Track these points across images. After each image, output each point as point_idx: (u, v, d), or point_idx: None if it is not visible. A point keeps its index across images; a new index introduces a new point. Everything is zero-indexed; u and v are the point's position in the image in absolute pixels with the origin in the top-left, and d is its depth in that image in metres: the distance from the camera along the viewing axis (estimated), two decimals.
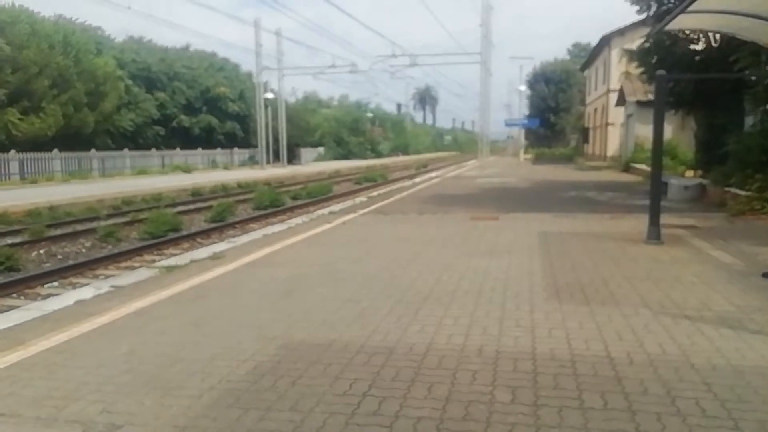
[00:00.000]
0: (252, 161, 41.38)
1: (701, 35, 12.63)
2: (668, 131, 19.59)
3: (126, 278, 6.46)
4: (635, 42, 16.02)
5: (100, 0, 40.27)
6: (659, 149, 7.67)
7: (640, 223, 8.47)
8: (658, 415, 2.82)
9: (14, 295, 7.61)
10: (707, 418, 2.79)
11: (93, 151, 30.03)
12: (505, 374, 3.36)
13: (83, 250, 10.93)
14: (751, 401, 2.96)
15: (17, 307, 6.19)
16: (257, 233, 10.19)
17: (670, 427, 2.71)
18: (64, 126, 29.05)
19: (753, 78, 10.52)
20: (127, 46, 39.27)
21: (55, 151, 27.16)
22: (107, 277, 8.03)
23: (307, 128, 50.95)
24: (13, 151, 25.00)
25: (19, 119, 26.70)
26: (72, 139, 29.70)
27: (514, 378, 3.30)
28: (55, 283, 8.21)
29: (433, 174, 29.56)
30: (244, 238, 9.50)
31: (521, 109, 53.60)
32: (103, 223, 12.93)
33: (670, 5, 12.67)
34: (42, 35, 28.62)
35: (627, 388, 3.15)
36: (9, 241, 11.18)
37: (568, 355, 3.65)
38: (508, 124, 47.80)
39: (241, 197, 19.62)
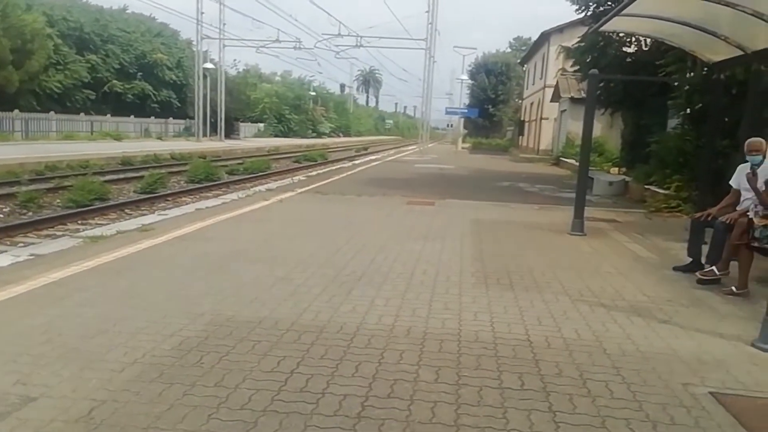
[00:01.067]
0: (188, 133, 39.97)
1: (634, 38, 13.20)
2: (598, 129, 20.38)
3: (47, 247, 6.17)
4: (573, 40, 16.54)
5: None
6: (588, 145, 8.01)
7: (566, 214, 8.84)
8: (570, 396, 3.00)
9: None
10: (615, 400, 2.99)
11: (16, 111, 28.14)
12: (431, 354, 3.47)
13: (1, 216, 10.32)
14: (655, 385, 3.19)
15: None
16: (190, 207, 9.94)
17: (580, 407, 2.89)
18: None
19: (676, 83, 11.11)
20: (58, 3, 36.81)
21: None
22: (27, 245, 7.61)
23: (248, 102, 49.71)
24: None
25: None
26: None
27: (439, 358, 3.42)
28: None
29: (374, 157, 29.62)
30: (176, 212, 9.25)
31: (462, 98, 54.33)
32: (24, 188, 12.20)
33: (608, 7, 13.15)
34: None
35: (543, 370, 3.33)
36: None
37: (491, 337, 3.81)
38: (449, 112, 48.31)
39: (175, 169, 18.97)
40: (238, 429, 2.55)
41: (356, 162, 24.21)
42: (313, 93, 63.46)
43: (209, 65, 37.24)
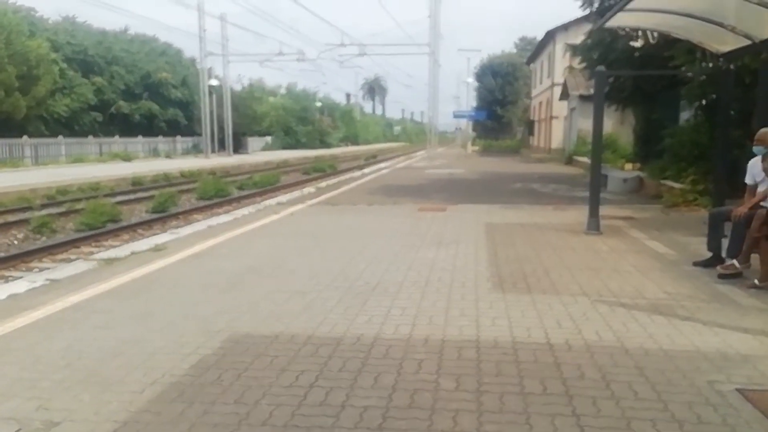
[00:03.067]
0: (196, 150, 40.28)
1: (640, 33, 13.09)
2: (608, 125, 20.24)
3: (62, 271, 6.21)
4: (578, 37, 16.47)
5: None
6: (599, 142, 7.95)
7: (580, 214, 8.76)
8: (593, 399, 2.95)
9: None
10: (639, 401, 2.93)
11: (25, 137, 28.51)
12: (450, 362, 3.43)
13: (15, 242, 10.42)
14: (680, 384, 3.13)
15: None
16: (201, 224, 9.99)
17: (604, 410, 2.84)
18: None
19: (688, 74, 11.00)
20: (61, 28, 37.21)
21: None
22: (42, 270, 7.68)
23: (254, 117, 49.98)
24: None
25: None
26: (2, 124, 28.09)
27: (459, 366, 3.38)
28: None
29: (383, 165, 29.65)
30: (188, 230, 9.30)
31: (469, 101, 54.27)
32: (36, 213, 12.32)
33: (611, 2, 13.07)
34: None
35: (565, 373, 3.27)
36: None
37: (511, 342, 3.76)
38: (457, 116, 48.37)
39: (185, 187, 19.10)
40: None
41: (365, 171, 24.24)
42: (319, 104, 63.76)
43: (214, 82, 37.57)
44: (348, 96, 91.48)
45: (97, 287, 5.12)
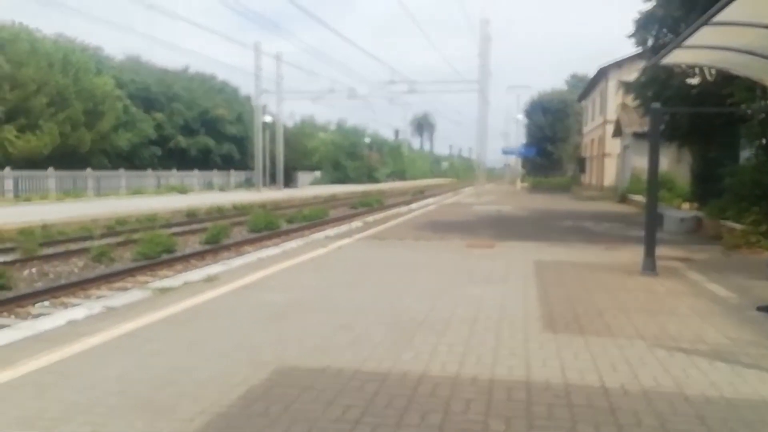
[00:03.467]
0: (248, 184, 41.45)
1: (697, 69, 12.84)
2: (664, 163, 19.72)
3: (118, 299, 6.41)
4: (632, 74, 16.25)
5: (101, 20, 40.58)
6: (654, 181, 7.74)
7: (635, 254, 8.50)
8: None
9: (5, 313, 7.54)
10: None
11: (89, 170, 30.02)
12: (499, 403, 3.34)
13: (75, 270, 10.86)
14: None
15: (7, 326, 6.12)
16: (252, 256, 10.15)
17: None
18: (60, 144, 29.05)
19: (748, 112, 10.66)
20: (126, 66, 39.40)
21: (50, 169, 27.16)
22: (99, 297, 7.97)
23: (305, 152, 51.16)
24: (8, 169, 25.00)
25: (16, 137, 26.71)
26: (68, 157, 29.68)
27: (508, 407, 3.28)
28: (47, 303, 8.15)
29: (430, 200, 29.65)
30: (239, 261, 9.46)
31: (518, 137, 54.01)
32: (96, 242, 12.86)
33: (667, 39, 12.89)
34: (42, 53, 28.79)
35: (621, 419, 3.13)
36: (1, 259, 11.10)
37: (563, 385, 3.64)
38: (506, 152, 48.15)
39: (237, 219, 19.60)
40: None
41: (412, 206, 24.28)
42: (368, 139, 64.77)
43: (268, 118, 38.85)
44: (396, 132, 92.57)
45: (152, 316, 5.26)
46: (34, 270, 10.60)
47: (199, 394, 3.42)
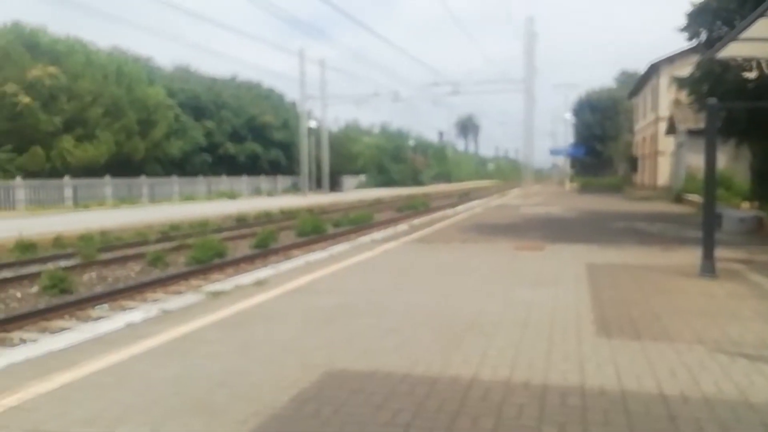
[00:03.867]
0: (295, 188, 42.10)
1: (754, 63, 12.28)
2: (722, 161, 18.90)
3: (173, 302, 6.60)
4: (685, 69, 15.68)
5: (152, 31, 42.03)
6: (712, 179, 7.44)
7: (692, 256, 8.19)
8: None
9: (66, 317, 7.88)
10: None
11: (143, 177, 31.09)
12: (553, 409, 3.27)
13: (132, 274, 11.26)
14: None
15: (69, 328, 6.40)
16: (300, 260, 10.29)
17: None
18: (115, 153, 30.20)
19: None
20: (176, 76, 40.66)
21: (107, 177, 28.27)
22: (156, 300, 8.22)
23: (349, 156, 51.58)
24: (67, 177, 26.14)
25: (74, 146, 27.89)
26: (123, 165, 30.83)
27: (562, 413, 3.21)
28: (106, 306, 8.46)
29: (476, 202, 29.39)
30: (287, 265, 9.60)
31: (566, 137, 52.88)
32: (151, 248, 13.29)
33: (721, 32, 12.39)
34: (96, 65, 30.00)
35: (681, 427, 3.02)
36: (62, 264, 11.60)
37: (619, 391, 3.53)
38: (553, 153, 47.31)
39: (284, 224, 19.90)
40: None
41: (458, 209, 24.11)
42: (412, 142, 64.81)
43: (313, 123, 39.44)
44: (441, 134, 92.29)
45: (205, 318, 5.39)
46: (93, 274, 11.04)
47: (251, 396, 3.48)
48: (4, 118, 24.70)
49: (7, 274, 10.64)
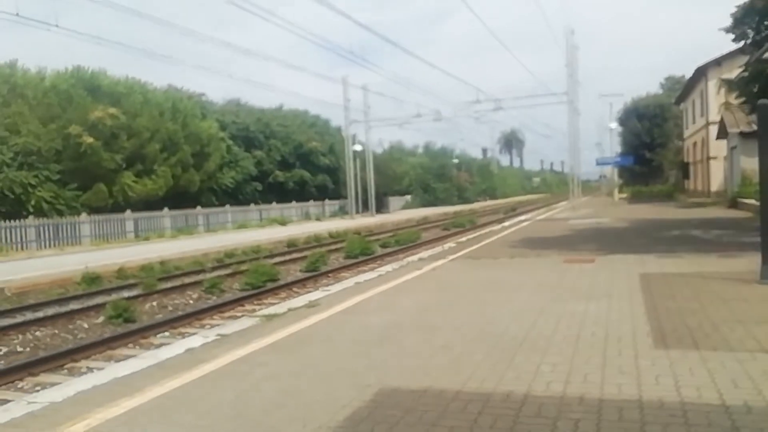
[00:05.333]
0: (342, 212, 42.59)
1: None
2: None
3: (230, 327, 6.81)
4: (733, 71, 15.23)
5: (205, 70, 43.60)
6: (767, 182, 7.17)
7: (751, 262, 7.88)
8: None
9: (131, 345, 8.21)
10: None
11: (198, 208, 32.13)
12: (610, 424, 3.22)
13: (191, 302, 11.64)
14: None
15: (133, 356, 6.68)
16: (349, 281, 10.41)
17: None
18: (173, 186, 31.36)
19: None
20: (227, 109, 42.02)
21: (165, 209, 29.35)
22: (213, 326, 8.48)
23: (394, 177, 51.86)
24: (128, 212, 27.29)
25: (134, 182, 29.15)
26: (180, 197, 31.96)
27: (620, 427, 3.16)
28: (167, 333, 8.78)
29: (523, 217, 29.02)
30: (337, 287, 9.74)
31: (613, 146, 51.59)
32: (208, 275, 13.71)
33: None
34: (153, 103, 31.39)
35: None
36: (126, 294, 12.10)
37: (679, 403, 3.45)
38: (600, 163, 46.17)
39: (333, 247, 20.17)
40: None
41: (505, 224, 23.86)
42: (456, 160, 64.63)
43: (358, 147, 39.98)
44: (485, 150, 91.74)
45: (260, 342, 5.54)
46: (154, 303, 11.48)
47: (307, 417, 3.57)
48: (69, 158, 26.08)
49: (74, 305, 11.17)
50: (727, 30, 13.45)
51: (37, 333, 9.33)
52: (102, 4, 19.61)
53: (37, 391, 5.88)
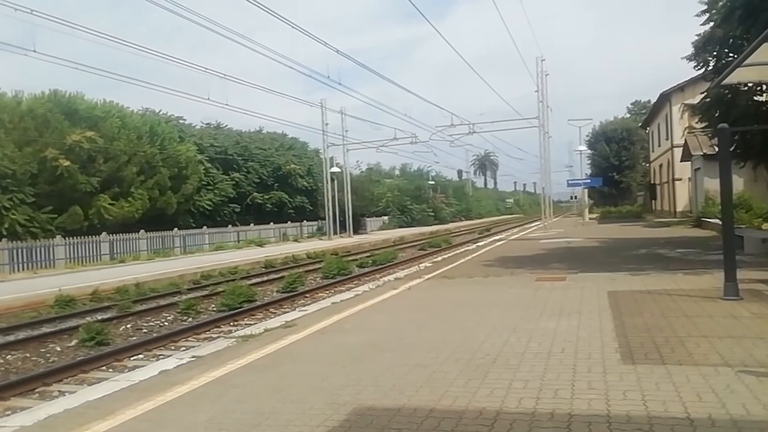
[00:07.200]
0: (320, 232, 42.49)
1: (764, 86, 12.35)
2: (739, 183, 18.81)
3: (205, 348, 6.77)
4: (696, 97, 15.81)
5: (183, 94, 43.16)
6: (729, 202, 7.47)
7: (715, 279, 8.15)
8: None
9: (104, 368, 8.09)
10: None
11: (175, 230, 31.75)
12: None
13: (166, 323, 11.50)
14: None
15: (107, 379, 6.59)
16: (326, 301, 10.43)
17: None
18: (149, 208, 30.98)
19: None
20: (206, 132, 41.76)
21: (142, 231, 28.93)
22: (188, 348, 8.40)
23: (372, 198, 52.00)
24: (104, 234, 26.83)
25: (110, 204, 28.73)
26: (157, 219, 31.56)
27: None
28: (141, 356, 8.67)
29: (497, 237, 29.33)
30: (314, 307, 9.74)
31: (583, 168, 52.72)
32: (183, 297, 13.56)
33: (729, 59, 12.53)
34: (131, 127, 31.12)
35: None
36: (99, 316, 11.90)
37: (645, 417, 3.56)
38: (571, 184, 47.05)
39: (311, 267, 20.12)
40: None
41: (480, 244, 24.10)
42: (432, 182, 65.14)
43: (336, 169, 40.13)
44: (460, 172, 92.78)
45: (236, 363, 5.54)
46: (129, 326, 11.30)
47: None
48: (45, 181, 25.66)
49: (47, 329, 10.95)
50: (689, 58, 14.00)
51: (8, 357, 9.13)
52: (80, 29, 19.56)
53: (8, 415, 5.75)
